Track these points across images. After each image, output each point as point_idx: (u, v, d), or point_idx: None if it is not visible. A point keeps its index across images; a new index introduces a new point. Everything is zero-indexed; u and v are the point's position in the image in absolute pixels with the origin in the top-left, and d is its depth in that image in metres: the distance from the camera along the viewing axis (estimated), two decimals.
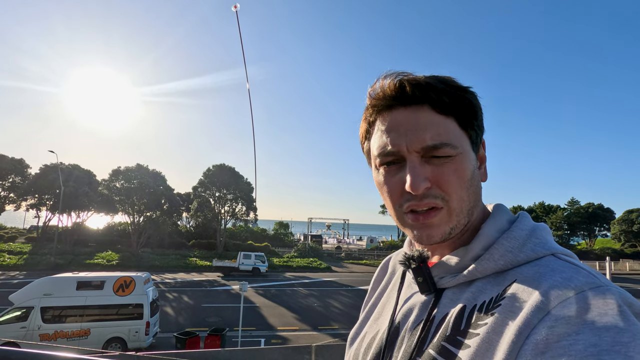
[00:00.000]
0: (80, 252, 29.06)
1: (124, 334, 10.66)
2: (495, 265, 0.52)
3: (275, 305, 17.22)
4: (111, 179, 30.40)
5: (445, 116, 0.53)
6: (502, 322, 0.45)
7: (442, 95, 0.53)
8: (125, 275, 11.41)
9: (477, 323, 0.48)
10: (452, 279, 0.55)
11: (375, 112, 0.58)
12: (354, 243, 51.57)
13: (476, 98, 0.57)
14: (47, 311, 10.35)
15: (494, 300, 0.49)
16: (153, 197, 29.57)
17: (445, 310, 0.53)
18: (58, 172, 28.42)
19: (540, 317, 0.42)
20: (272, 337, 12.78)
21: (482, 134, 0.59)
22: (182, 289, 20.23)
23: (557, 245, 0.53)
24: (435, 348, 0.50)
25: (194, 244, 35.91)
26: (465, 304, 0.51)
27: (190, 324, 13.67)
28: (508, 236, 0.53)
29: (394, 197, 0.55)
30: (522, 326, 0.42)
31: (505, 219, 0.58)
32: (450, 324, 0.51)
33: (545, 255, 0.51)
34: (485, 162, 0.61)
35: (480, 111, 0.57)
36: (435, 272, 0.57)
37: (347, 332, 5.07)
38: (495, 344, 0.44)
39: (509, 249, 0.52)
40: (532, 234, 0.53)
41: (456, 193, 0.52)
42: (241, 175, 35.35)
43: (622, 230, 42.09)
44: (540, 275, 0.47)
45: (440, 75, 0.56)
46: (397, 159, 0.54)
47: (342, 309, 17.06)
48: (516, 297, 0.46)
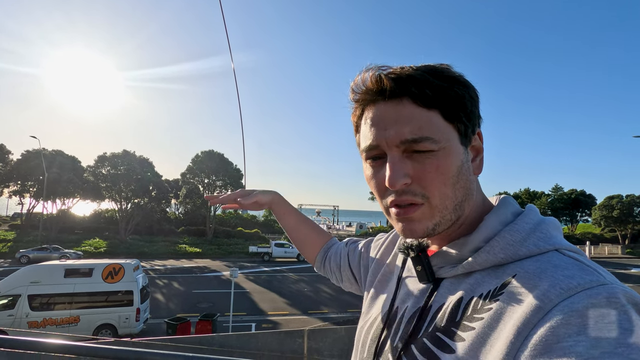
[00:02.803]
0: (67, 240, 28.65)
1: (114, 321, 10.67)
2: (494, 258, 0.50)
3: (265, 290, 17.41)
4: (97, 165, 29.81)
5: (427, 109, 0.51)
6: (499, 318, 0.44)
7: (424, 87, 0.51)
8: (114, 262, 11.33)
9: (473, 316, 0.47)
10: (451, 270, 0.54)
11: (360, 106, 0.57)
12: (343, 229, 52.10)
13: (466, 88, 0.54)
14: (35, 299, 10.26)
15: (492, 294, 0.48)
16: (140, 184, 29.16)
17: (442, 301, 0.53)
18: (41, 158, 27.71)
19: (540, 316, 0.40)
20: (263, 321, 12.97)
21: (476, 125, 0.56)
22: (172, 276, 20.24)
23: (564, 240, 0.51)
24: (429, 338, 0.50)
25: (183, 230, 35.75)
26: (462, 295, 0.51)
27: (181, 310, 13.74)
28: (511, 229, 0.51)
29: (380, 191, 0.55)
30: (521, 325, 0.41)
31: (510, 212, 0.56)
32: (446, 315, 0.51)
33: (549, 251, 0.49)
34: (481, 154, 0.58)
35: (470, 102, 0.54)
36: (435, 262, 0.57)
37: (337, 316, 5.23)
38: (491, 340, 0.43)
39: (511, 242, 0.50)
40: (537, 227, 0.51)
41: (438, 189, 0.51)
42: (230, 162, 35.07)
43: (603, 215, 43.48)
44: (541, 272, 0.45)
45: (432, 65, 0.54)
46: (380, 154, 0.54)
47: (332, 294, 17.35)
48: (515, 293, 0.45)
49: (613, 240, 44.41)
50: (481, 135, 0.58)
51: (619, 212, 42.34)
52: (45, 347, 1.47)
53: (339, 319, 13.39)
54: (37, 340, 1.49)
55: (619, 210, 42.35)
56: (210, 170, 33.86)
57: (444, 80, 0.52)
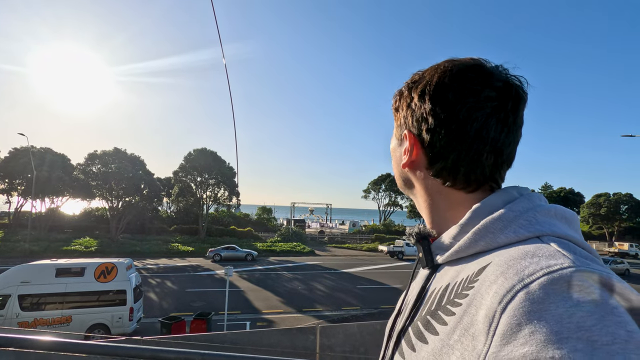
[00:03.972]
0: (56, 239, 28.18)
1: (107, 320, 10.55)
2: (475, 245, 0.51)
3: (259, 289, 17.37)
4: (87, 163, 29.34)
5: None
6: (472, 304, 0.44)
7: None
8: (106, 261, 11.20)
9: (454, 300, 0.48)
10: (442, 256, 0.58)
11: None
12: (336, 227, 52.18)
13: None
14: (25, 299, 10.09)
15: (469, 280, 0.48)
16: (132, 182, 28.79)
17: (434, 286, 0.57)
18: (29, 155, 27.16)
19: (504, 304, 0.39)
20: (258, 319, 12.95)
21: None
22: (165, 275, 20.07)
23: (555, 227, 0.48)
24: (422, 320, 0.53)
25: (175, 229, 35.44)
26: (449, 281, 0.53)
27: (175, 309, 13.65)
28: (495, 217, 0.51)
29: None
30: (488, 312, 0.40)
31: (501, 200, 0.54)
32: (436, 299, 0.53)
33: (529, 238, 0.47)
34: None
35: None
36: (434, 248, 0.60)
37: (332, 314, 5.27)
38: (467, 326, 0.43)
39: (492, 229, 0.50)
40: (522, 215, 0.50)
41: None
42: (223, 160, 34.82)
43: (591, 213, 44.32)
44: (511, 259, 0.43)
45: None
46: None
47: (326, 292, 17.40)
48: (486, 280, 0.44)
49: (601, 237, 45.31)
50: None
51: (606, 210, 43.21)
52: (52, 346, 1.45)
53: (334, 317, 13.45)
54: (43, 339, 1.47)
55: (606, 208, 43.21)
56: (203, 168, 33.59)
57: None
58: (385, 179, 47.96)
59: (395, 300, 15.63)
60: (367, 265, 25.62)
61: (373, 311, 14.26)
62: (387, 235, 40.18)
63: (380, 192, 48.77)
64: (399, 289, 18.20)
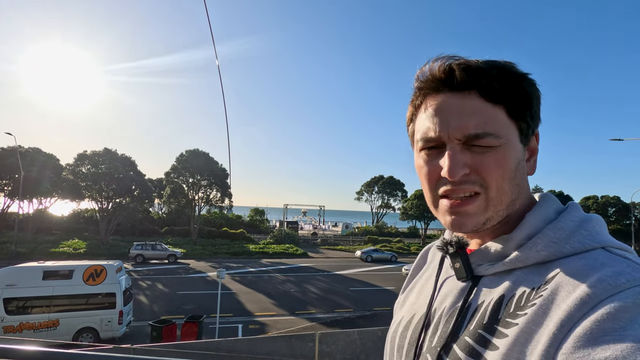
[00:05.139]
0: (44, 240, 27.64)
1: (95, 324, 10.34)
2: (537, 255, 0.50)
3: (252, 291, 17.23)
4: (77, 164, 28.83)
5: (493, 104, 0.51)
6: (543, 313, 0.44)
7: (492, 81, 0.51)
8: (95, 263, 10.99)
9: (516, 313, 0.47)
10: (491, 267, 0.53)
11: (422, 95, 0.56)
12: (329, 229, 52.14)
13: (534, 87, 0.54)
14: (11, 302, 9.83)
15: (535, 291, 0.47)
16: (122, 183, 28.38)
17: (482, 298, 0.53)
18: (17, 155, 26.60)
19: (585, 310, 0.40)
20: (250, 322, 12.82)
21: (537, 125, 0.56)
22: (156, 277, 19.79)
23: (611, 238, 0.50)
24: (472, 335, 0.49)
25: (166, 230, 35.05)
26: (504, 292, 0.50)
27: (166, 312, 13.45)
28: (554, 226, 0.51)
29: (431, 182, 0.55)
30: (565, 319, 0.41)
31: (552, 209, 0.55)
32: (488, 312, 0.50)
33: (595, 248, 0.48)
34: (535, 155, 0.58)
35: (536, 101, 0.54)
36: (474, 259, 0.56)
37: (325, 317, 5.17)
38: (535, 335, 0.43)
39: (554, 239, 0.50)
40: (582, 225, 0.51)
41: (496, 182, 0.51)
42: (215, 161, 34.56)
43: None
44: (588, 268, 0.44)
45: (498, 60, 0.54)
46: (438, 144, 0.53)
47: (319, 294, 17.32)
48: (559, 289, 0.44)
49: None
50: (538, 136, 0.58)
51: (595, 212, 43.89)
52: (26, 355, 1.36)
53: (327, 319, 13.38)
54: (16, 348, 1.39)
55: (594, 210, 43.92)
56: (195, 169, 33.28)
57: (512, 77, 0.52)
58: (378, 181, 48.10)
59: (388, 302, 15.67)
60: (360, 268, 25.60)
61: (366, 313, 14.22)
62: (379, 237, 40.24)
63: (373, 194, 48.89)
64: (392, 291, 18.20)
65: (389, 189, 47.51)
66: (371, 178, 48.82)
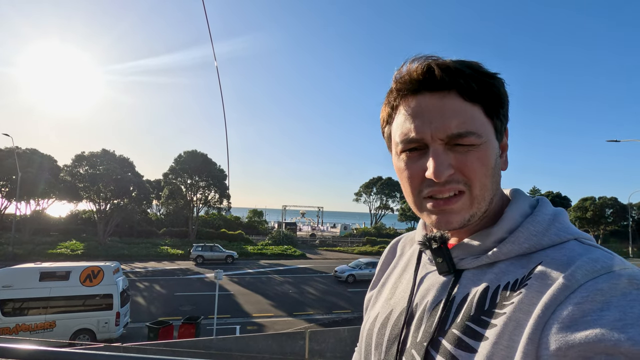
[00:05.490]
0: (41, 242, 27.53)
1: (92, 325, 10.31)
2: (519, 248, 0.52)
3: (250, 292, 17.20)
4: (74, 165, 28.77)
5: (472, 104, 0.52)
6: (529, 301, 0.46)
7: (470, 81, 0.52)
8: (93, 265, 10.96)
9: (502, 303, 0.49)
10: (474, 260, 0.55)
11: (399, 96, 0.56)
12: (328, 230, 52.12)
13: (504, 85, 0.56)
14: (7, 304, 9.80)
15: (520, 280, 0.50)
16: (120, 184, 28.32)
17: (466, 291, 0.54)
18: (14, 156, 26.52)
19: (567, 294, 0.43)
20: (248, 323, 12.80)
21: (507, 123, 0.59)
22: (154, 278, 19.73)
23: (578, 230, 0.54)
24: (460, 328, 0.50)
25: (165, 232, 34.94)
26: (488, 284, 0.52)
27: (163, 313, 13.41)
28: (532, 220, 0.54)
29: (414, 184, 0.55)
30: (549, 302, 0.44)
31: (527, 204, 0.59)
32: (474, 304, 0.51)
33: (569, 240, 0.52)
34: (506, 150, 0.61)
35: (506, 99, 0.56)
36: (456, 254, 0.58)
37: (323, 318, 5.16)
38: (522, 322, 0.45)
39: (534, 232, 0.53)
40: (555, 218, 0.55)
41: (479, 180, 0.53)
42: (214, 162, 34.54)
43: (577, 217, 45.08)
44: (567, 258, 0.48)
45: (467, 60, 0.55)
46: (420, 146, 0.54)
47: (317, 295, 17.31)
48: (543, 277, 0.47)
49: None
50: (507, 132, 0.61)
51: (592, 213, 44.02)
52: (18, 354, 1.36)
53: (325, 320, 13.37)
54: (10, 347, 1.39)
55: (592, 211, 44.02)
56: (193, 170, 33.26)
57: (487, 76, 0.54)
58: (376, 182, 48.14)
59: None
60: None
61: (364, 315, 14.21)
62: (378, 238, 40.24)
63: (372, 195, 48.90)
64: None
65: (388, 190, 47.55)
66: (370, 179, 48.86)
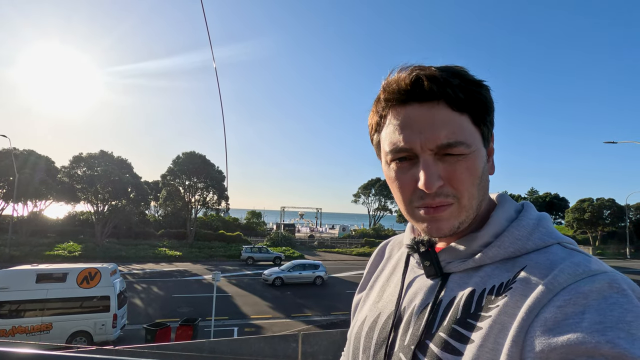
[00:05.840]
0: (39, 243, 27.41)
1: (89, 328, 10.26)
2: (505, 252, 0.54)
3: (248, 294, 17.16)
4: (72, 166, 28.70)
5: (460, 113, 0.53)
6: (513, 304, 0.47)
7: (458, 92, 0.52)
8: (90, 266, 10.91)
9: (487, 306, 0.50)
10: (461, 264, 0.56)
11: (388, 106, 0.56)
12: (326, 231, 52.14)
13: (489, 93, 0.56)
14: (3, 306, 9.75)
15: (505, 284, 0.51)
16: (118, 186, 28.24)
17: (452, 294, 0.54)
18: (12, 157, 26.42)
19: (549, 297, 0.44)
20: (246, 325, 12.77)
21: (493, 128, 0.59)
22: (152, 280, 19.67)
23: (561, 234, 0.55)
24: (446, 331, 0.51)
25: (163, 233, 34.84)
26: (474, 288, 0.53)
27: (161, 315, 13.36)
28: (517, 225, 0.55)
29: (406, 194, 0.55)
30: (532, 305, 0.45)
31: (512, 209, 0.60)
32: (460, 307, 0.52)
33: (553, 244, 0.53)
34: (493, 155, 0.61)
35: (492, 106, 0.57)
36: (443, 257, 0.59)
37: (321, 319, 5.15)
38: (507, 325, 0.46)
39: (518, 237, 0.54)
40: (539, 223, 0.56)
41: (467, 191, 0.53)
42: (212, 164, 34.47)
43: (575, 218, 45.22)
44: (550, 262, 0.49)
45: (453, 67, 0.55)
46: (410, 156, 0.54)
47: (315, 297, 17.27)
48: (527, 281, 0.48)
49: (584, 241, 46.22)
50: (493, 136, 0.61)
51: (590, 214, 44.13)
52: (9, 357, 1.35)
53: (323, 322, 13.34)
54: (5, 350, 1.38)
55: (589, 213, 44.12)
56: (192, 172, 33.17)
57: (474, 85, 0.54)
58: (375, 184, 48.16)
59: None
60: (356, 270, 25.58)
61: None
62: (376, 239, 40.23)
63: (370, 197, 48.92)
64: None
65: (386, 192, 47.56)
66: (368, 180, 48.87)
